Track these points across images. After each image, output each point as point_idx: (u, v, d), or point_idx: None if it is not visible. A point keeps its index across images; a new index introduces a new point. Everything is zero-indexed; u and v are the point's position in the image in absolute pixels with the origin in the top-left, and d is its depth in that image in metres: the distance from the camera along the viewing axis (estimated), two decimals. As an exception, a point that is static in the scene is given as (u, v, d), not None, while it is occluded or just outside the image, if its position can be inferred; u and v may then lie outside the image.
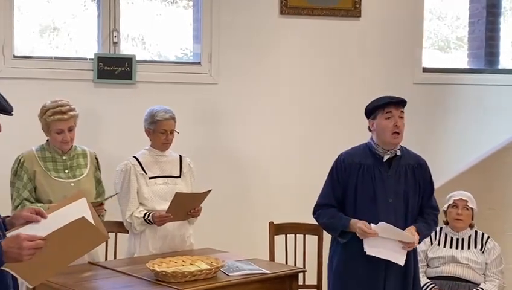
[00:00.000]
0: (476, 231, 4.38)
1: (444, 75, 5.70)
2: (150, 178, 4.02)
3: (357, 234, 3.46)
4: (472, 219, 4.39)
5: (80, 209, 2.44)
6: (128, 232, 4.27)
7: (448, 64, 6.04)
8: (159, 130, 4.02)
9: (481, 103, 5.68)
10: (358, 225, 3.45)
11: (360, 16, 5.32)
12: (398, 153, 3.59)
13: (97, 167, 3.94)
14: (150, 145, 4.11)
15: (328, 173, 3.70)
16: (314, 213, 3.70)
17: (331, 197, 3.62)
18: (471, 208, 4.36)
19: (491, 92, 5.71)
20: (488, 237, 4.36)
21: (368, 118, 3.63)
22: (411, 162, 3.62)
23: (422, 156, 5.39)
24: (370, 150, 3.60)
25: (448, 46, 6.25)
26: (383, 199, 3.51)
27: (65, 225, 2.29)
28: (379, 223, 3.41)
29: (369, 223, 3.46)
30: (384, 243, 3.41)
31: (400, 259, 3.46)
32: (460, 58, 6.14)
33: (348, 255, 3.58)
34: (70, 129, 3.77)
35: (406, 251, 3.47)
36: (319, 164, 5.00)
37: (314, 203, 3.74)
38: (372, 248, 3.43)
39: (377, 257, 3.44)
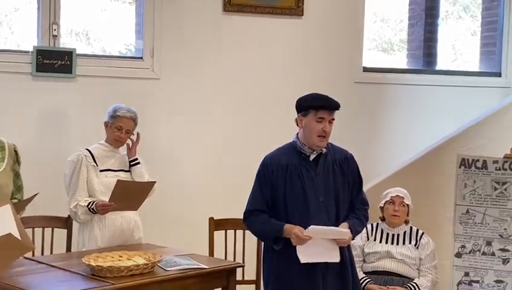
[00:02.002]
0: (411, 227, 4.49)
1: (383, 74, 5.80)
2: (101, 171, 4.07)
3: (292, 241, 3.37)
4: (407, 215, 4.50)
5: (4, 218, 2.44)
6: (66, 228, 4.26)
7: (390, 66, 6.16)
8: (116, 125, 4.09)
9: (419, 102, 5.81)
10: (294, 231, 3.35)
11: (302, 15, 5.38)
12: (324, 150, 3.52)
13: (16, 160, 3.77)
14: (104, 140, 4.16)
15: (254, 178, 3.60)
16: (244, 220, 3.58)
17: (261, 202, 3.50)
18: (407, 205, 4.46)
19: (428, 92, 5.84)
20: (423, 233, 4.47)
21: (297, 112, 3.54)
22: (338, 157, 3.56)
23: (360, 154, 5.50)
24: (295, 149, 3.53)
25: (391, 48, 6.37)
26: (314, 198, 3.45)
27: None
28: (309, 227, 3.34)
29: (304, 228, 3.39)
30: (316, 245, 3.37)
31: (335, 256, 3.44)
32: (402, 60, 6.26)
33: (282, 264, 3.48)
34: None
35: (338, 246, 3.43)
36: (259, 161, 5.07)
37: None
38: (305, 256, 3.37)
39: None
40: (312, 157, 3.52)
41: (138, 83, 4.95)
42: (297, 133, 3.59)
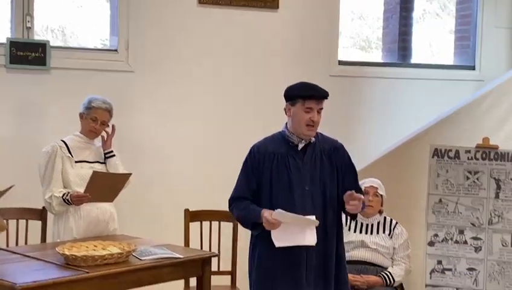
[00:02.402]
0: (384, 217, 4.53)
1: (358, 68, 5.84)
2: (76, 162, 4.06)
3: (264, 225, 3.37)
4: (381, 206, 4.54)
5: None
6: (41, 220, 4.24)
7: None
8: (91, 117, 4.09)
9: (394, 95, 5.85)
10: (264, 215, 3.34)
11: (277, 8, 5.40)
12: (313, 139, 3.50)
13: None
14: (79, 131, 4.16)
15: (242, 166, 3.59)
16: (229, 207, 3.60)
17: (245, 189, 3.50)
18: (381, 195, 4.51)
19: (403, 85, 5.89)
20: (396, 223, 4.51)
21: (286, 101, 3.51)
22: (326, 147, 3.53)
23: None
24: (284, 138, 3.51)
25: (369, 46, 6.40)
26: (300, 187, 3.43)
27: None
28: (275, 211, 3.33)
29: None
30: (292, 229, 3.35)
31: (311, 240, 3.40)
32: (379, 57, 6.29)
33: (263, 251, 3.47)
34: None
35: (315, 230, 3.39)
36: (235, 153, 5.05)
37: (230, 192, 3.70)
38: (279, 240, 3.36)
39: (289, 247, 3.37)
40: (300, 146, 3.49)
41: (113, 76, 4.94)
42: (286, 122, 3.56)
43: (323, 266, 3.47)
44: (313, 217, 3.39)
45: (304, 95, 3.44)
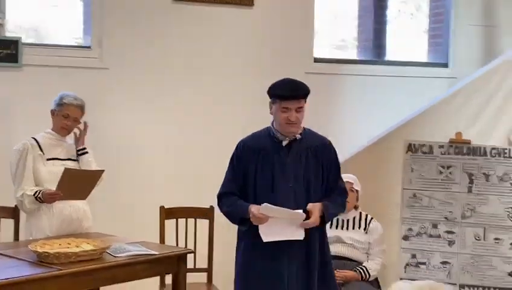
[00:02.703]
0: (360, 213, 4.56)
1: (334, 65, 5.86)
2: (48, 159, 4.02)
3: (251, 220, 3.38)
4: (357, 201, 4.56)
5: None
6: (13, 218, 4.20)
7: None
8: (63, 113, 4.05)
9: (369, 92, 5.88)
10: (251, 209, 3.36)
11: (252, 5, 5.40)
12: (298, 136, 3.49)
13: None
14: (51, 129, 4.12)
15: (229, 161, 3.59)
16: (218, 203, 3.59)
17: (232, 185, 3.51)
18: (356, 190, 4.53)
19: (379, 82, 5.92)
20: (372, 218, 4.54)
21: (270, 98, 3.49)
22: (314, 143, 3.52)
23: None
24: (269, 134, 3.50)
25: (346, 46, 6.42)
26: (283, 183, 3.43)
27: None
28: (262, 205, 3.34)
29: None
30: (279, 224, 3.36)
31: (299, 235, 3.41)
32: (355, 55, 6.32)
33: (249, 247, 3.49)
34: None
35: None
36: (210, 151, 5.08)
37: (206, 190, 3.73)
38: (267, 235, 3.38)
39: (277, 242, 3.38)
40: (285, 143, 3.49)
41: (86, 73, 4.90)
42: (272, 120, 3.55)
43: (307, 262, 3.48)
44: (300, 211, 3.40)
45: (279, 94, 3.43)
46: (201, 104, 5.25)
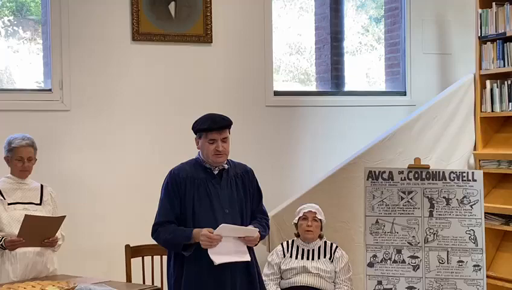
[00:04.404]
0: (325, 242, 4.61)
1: (294, 98, 5.95)
2: (9, 204, 4.00)
3: (201, 244, 3.45)
4: (321, 230, 4.61)
5: None
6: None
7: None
8: (16, 157, 4.06)
9: (329, 123, 5.97)
10: (202, 232, 3.45)
11: (211, 42, 5.47)
12: (226, 166, 3.67)
13: None
14: (10, 173, 4.11)
15: (162, 192, 3.66)
16: (153, 233, 3.63)
17: (170, 213, 3.58)
18: (320, 219, 4.59)
19: (338, 112, 6.02)
20: (337, 247, 4.59)
21: (195, 134, 3.68)
22: (238, 171, 3.72)
23: (273, 175, 5.60)
24: (200, 164, 3.66)
25: (308, 79, 6.52)
26: (220, 210, 3.58)
27: None
28: (220, 225, 3.45)
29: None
30: (227, 247, 3.48)
31: (245, 256, 3.56)
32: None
33: (191, 271, 3.55)
34: None
35: (246, 247, 3.56)
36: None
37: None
38: (218, 257, 3.46)
39: (224, 264, 3.47)
40: (216, 171, 3.66)
41: (48, 116, 4.91)
42: (199, 152, 3.71)
43: (248, 284, 3.62)
44: (252, 227, 3.60)
45: (204, 128, 3.61)
46: (162, 143, 5.27)
